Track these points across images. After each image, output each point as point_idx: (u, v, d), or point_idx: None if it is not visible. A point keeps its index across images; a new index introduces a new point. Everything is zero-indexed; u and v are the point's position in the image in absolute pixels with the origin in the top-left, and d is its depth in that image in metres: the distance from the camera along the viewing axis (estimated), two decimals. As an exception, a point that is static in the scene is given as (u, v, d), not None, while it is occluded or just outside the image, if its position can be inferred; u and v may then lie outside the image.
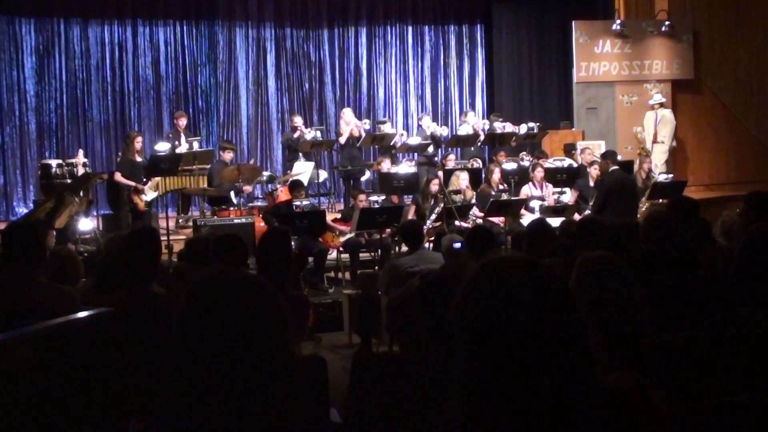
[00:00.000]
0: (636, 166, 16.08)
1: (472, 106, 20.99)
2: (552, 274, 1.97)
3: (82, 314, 4.45)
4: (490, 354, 1.88)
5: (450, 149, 17.72)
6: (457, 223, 12.91)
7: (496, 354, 1.87)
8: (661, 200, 13.89)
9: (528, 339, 1.86)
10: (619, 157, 15.83)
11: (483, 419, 1.89)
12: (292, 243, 8.05)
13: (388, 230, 12.51)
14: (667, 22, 19.53)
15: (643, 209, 13.75)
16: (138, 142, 14.12)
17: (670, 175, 16.62)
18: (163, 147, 15.51)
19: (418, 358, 3.31)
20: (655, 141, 18.63)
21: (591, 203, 13.78)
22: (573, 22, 19.66)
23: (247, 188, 14.70)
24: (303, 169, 15.80)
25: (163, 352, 2.08)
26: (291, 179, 14.34)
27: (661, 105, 18.89)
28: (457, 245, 8.37)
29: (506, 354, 1.86)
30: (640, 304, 3.75)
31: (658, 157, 18.25)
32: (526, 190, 14.51)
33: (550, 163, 16.08)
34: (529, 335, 1.86)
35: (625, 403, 1.95)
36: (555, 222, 10.06)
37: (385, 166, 15.25)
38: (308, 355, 4.77)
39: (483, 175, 15.24)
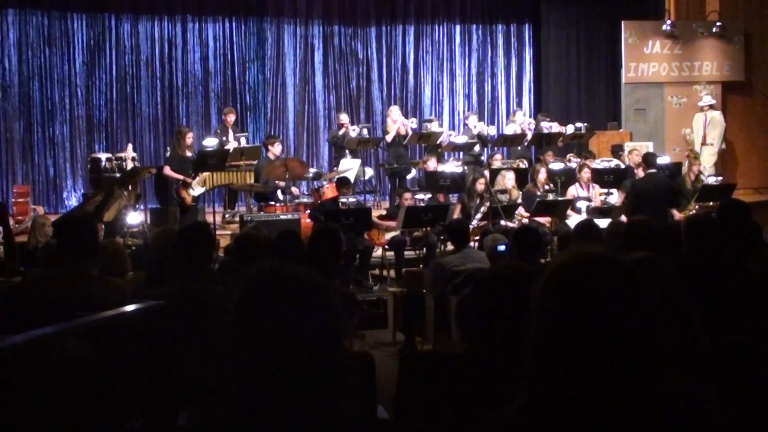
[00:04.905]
0: (685, 168, 15.96)
1: (519, 106, 20.89)
2: (636, 275, 1.97)
3: (133, 307, 4.49)
4: (563, 346, 1.89)
5: (496, 148, 17.68)
6: (502, 222, 12.87)
7: (569, 346, 1.88)
8: (711, 203, 13.76)
9: (603, 334, 1.86)
10: (667, 159, 15.76)
11: (547, 413, 1.89)
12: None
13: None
14: (718, 23, 19.34)
15: (692, 212, 13.64)
16: (189, 138, 14.20)
17: (719, 178, 16.47)
18: (211, 142, 15.61)
19: (466, 356, 3.32)
20: (704, 143, 18.48)
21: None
22: (622, 22, 19.53)
23: (294, 190, 14.81)
24: (349, 167, 15.83)
25: (213, 346, 2.10)
26: (338, 176, 14.37)
27: (711, 107, 18.72)
28: (501, 248, 8.35)
29: (579, 347, 1.87)
30: (689, 307, 3.73)
31: (707, 160, 18.09)
32: (573, 191, 14.44)
33: (597, 163, 16.00)
34: (604, 330, 1.86)
35: (688, 408, 1.95)
36: (602, 223, 10.01)
37: (431, 164, 15.24)
38: (357, 351, 4.79)
39: (529, 175, 15.18)
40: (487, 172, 14.77)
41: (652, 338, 1.91)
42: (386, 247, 13.00)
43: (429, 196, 14.58)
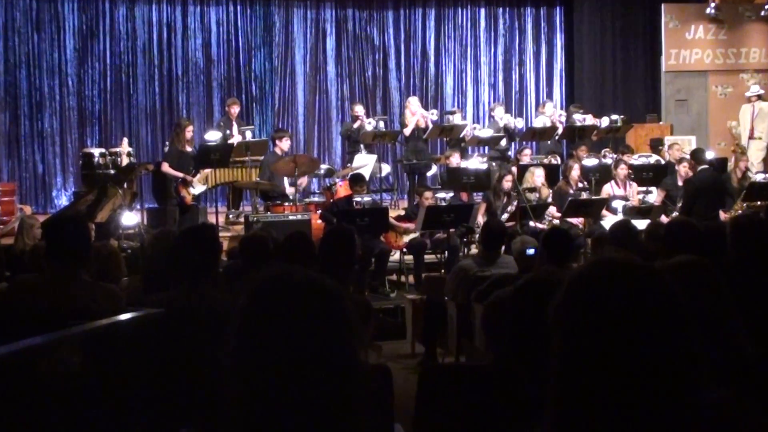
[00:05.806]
0: (731, 165, 15.91)
1: (550, 96, 20.88)
2: (663, 280, 1.97)
3: (129, 315, 4.50)
4: (587, 361, 1.89)
5: (525, 143, 17.65)
6: (531, 223, 12.86)
7: (593, 362, 1.88)
8: (759, 202, 13.72)
9: (629, 347, 1.86)
10: (711, 154, 15.71)
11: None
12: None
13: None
14: (767, 6, 19.28)
15: (739, 212, 13.60)
16: (189, 132, 14.17)
17: (768, 175, 16.43)
18: (213, 136, 15.62)
19: (492, 368, 3.32)
20: (751, 137, 18.42)
21: (679, 204, 13.72)
22: (662, 5, 19.53)
23: (303, 180, 14.75)
24: (364, 162, 15.81)
25: (216, 357, 2.10)
26: (351, 173, 14.37)
27: (759, 97, 18.65)
28: (531, 251, 8.33)
29: (605, 362, 1.87)
30: (735, 315, 3.72)
31: (755, 155, 18.03)
32: (608, 189, 14.42)
33: (634, 159, 15.97)
34: (630, 343, 1.86)
35: (728, 424, 1.95)
36: (640, 224, 9.99)
37: (454, 160, 15.23)
38: (373, 364, 4.79)
39: (561, 172, 15.16)
40: (514, 169, 14.76)
41: (685, 350, 1.91)
42: (404, 250, 12.98)
43: (451, 194, 14.58)
